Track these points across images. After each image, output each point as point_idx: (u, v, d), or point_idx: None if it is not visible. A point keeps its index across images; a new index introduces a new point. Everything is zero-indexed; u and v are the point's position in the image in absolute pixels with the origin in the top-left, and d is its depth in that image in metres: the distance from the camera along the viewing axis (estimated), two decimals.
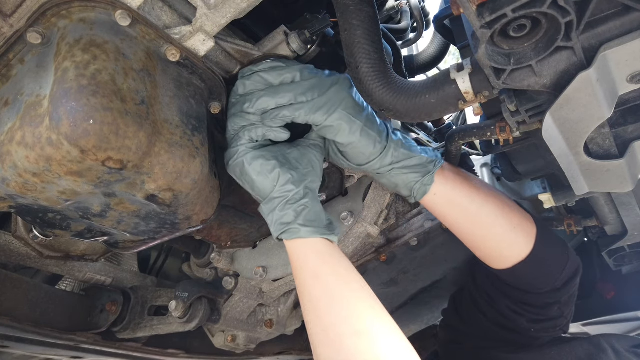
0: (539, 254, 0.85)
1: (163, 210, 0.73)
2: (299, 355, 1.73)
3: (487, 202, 0.86)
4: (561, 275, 0.89)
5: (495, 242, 0.87)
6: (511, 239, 0.85)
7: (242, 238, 1.15)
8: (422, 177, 0.86)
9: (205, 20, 0.68)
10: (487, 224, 0.86)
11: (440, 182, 0.86)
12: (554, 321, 0.96)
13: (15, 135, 0.59)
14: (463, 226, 0.89)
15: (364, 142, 0.81)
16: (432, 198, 0.87)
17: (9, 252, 0.99)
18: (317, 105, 0.78)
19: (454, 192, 0.87)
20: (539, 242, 0.85)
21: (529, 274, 0.88)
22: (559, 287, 0.90)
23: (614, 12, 0.56)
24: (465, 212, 0.87)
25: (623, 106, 0.69)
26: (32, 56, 0.65)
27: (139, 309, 1.21)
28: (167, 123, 0.67)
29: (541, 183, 1.26)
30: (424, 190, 0.87)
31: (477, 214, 0.86)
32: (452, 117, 1.94)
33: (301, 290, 0.76)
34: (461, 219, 0.88)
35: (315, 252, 0.76)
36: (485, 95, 0.70)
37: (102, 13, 0.64)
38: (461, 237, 0.92)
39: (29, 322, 0.98)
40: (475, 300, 1.07)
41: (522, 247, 0.85)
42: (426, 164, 0.86)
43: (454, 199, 0.87)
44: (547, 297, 0.91)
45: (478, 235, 0.88)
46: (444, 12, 1.03)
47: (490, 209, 0.86)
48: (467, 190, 0.87)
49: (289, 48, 0.82)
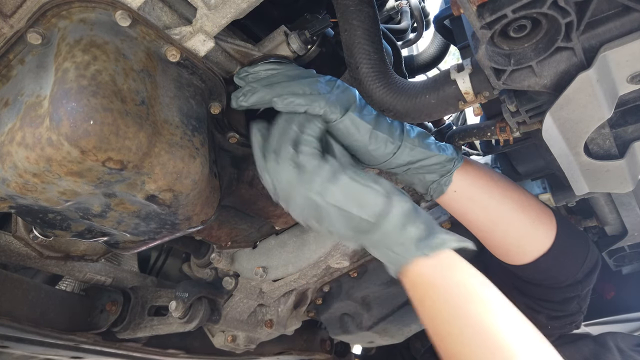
0: (560, 246, 0.83)
1: (163, 210, 0.73)
2: (299, 355, 1.73)
3: (506, 196, 0.84)
4: (582, 267, 0.87)
5: (516, 237, 0.84)
6: (532, 232, 0.83)
7: (242, 238, 1.15)
8: (440, 177, 0.82)
9: (205, 20, 0.68)
10: (508, 218, 0.83)
11: (460, 178, 0.82)
12: (573, 317, 0.95)
13: (15, 135, 0.59)
14: (482, 222, 0.85)
15: (374, 145, 0.78)
16: (452, 195, 0.83)
17: (9, 252, 0.99)
18: (333, 101, 0.75)
19: (474, 188, 0.83)
20: (560, 234, 0.84)
21: (552, 267, 0.85)
22: (580, 280, 0.88)
23: (614, 13, 0.56)
24: (485, 208, 0.83)
25: (623, 106, 0.69)
26: (32, 56, 0.65)
27: (139, 309, 1.21)
28: (167, 123, 0.67)
29: (541, 183, 1.26)
30: (441, 190, 0.84)
31: (497, 209, 0.83)
32: (452, 118, 1.94)
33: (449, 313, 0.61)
34: (481, 215, 0.84)
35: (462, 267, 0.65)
36: (486, 95, 0.70)
37: (102, 13, 0.64)
38: (480, 234, 0.88)
39: (29, 322, 0.98)
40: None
41: (544, 240, 0.83)
42: (445, 162, 0.81)
43: (474, 195, 0.83)
44: (567, 291, 0.89)
45: (498, 231, 0.85)
46: (444, 13, 1.03)
47: (509, 204, 0.83)
48: (487, 186, 0.84)
49: (289, 48, 0.82)
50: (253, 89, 0.77)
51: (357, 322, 1.45)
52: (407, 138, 0.80)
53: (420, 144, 0.80)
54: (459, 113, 1.96)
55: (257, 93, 0.76)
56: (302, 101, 0.73)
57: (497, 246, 0.89)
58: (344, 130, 0.76)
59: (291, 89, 0.75)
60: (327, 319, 1.54)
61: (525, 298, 0.94)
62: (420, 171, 0.82)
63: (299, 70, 0.80)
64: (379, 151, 0.79)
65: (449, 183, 0.82)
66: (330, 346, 1.83)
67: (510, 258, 0.88)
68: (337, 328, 1.53)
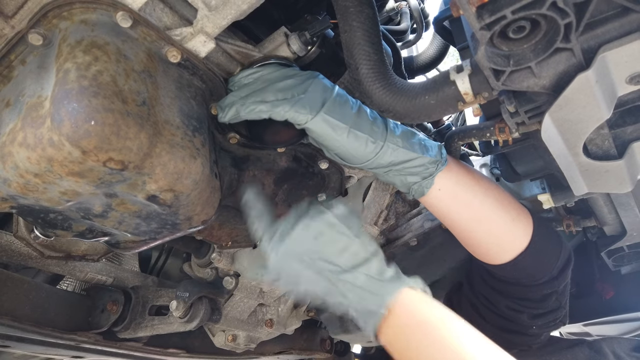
0: (537, 243, 0.84)
1: (164, 210, 0.73)
2: (299, 354, 1.74)
3: (488, 194, 0.84)
4: (557, 263, 0.88)
5: (498, 235, 0.85)
6: (512, 230, 0.84)
7: (243, 238, 1.15)
8: (422, 179, 0.82)
9: (206, 21, 0.69)
10: (490, 216, 0.84)
11: (444, 177, 0.82)
12: (554, 313, 0.96)
13: (16, 136, 0.60)
14: (465, 221, 0.86)
15: (353, 144, 0.76)
16: (436, 194, 0.83)
17: (10, 252, 0.99)
18: (301, 102, 0.73)
19: (458, 187, 0.83)
20: (536, 231, 0.85)
21: (529, 265, 0.87)
22: (556, 275, 0.89)
23: (613, 14, 0.56)
24: (468, 206, 0.84)
25: (622, 107, 0.70)
26: (33, 57, 0.65)
27: (139, 308, 1.21)
28: (168, 124, 0.67)
29: (540, 183, 1.26)
30: (422, 192, 0.84)
31: (480, 207, 0.83)
32: (452, 118, 1.94)
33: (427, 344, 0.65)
34: (464, 213, 0.85)
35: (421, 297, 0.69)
36: (485, 96, 0.71)
37: (103, 14, 0.64)
38: (462, 233, 0.89)
39: (30, 322, 0.98)
40: (474, 305, 1.06)
41: (522, 238, 0.84)
42: (428, 165, 0.81)
43: (458, 194, 0.83)
44: (545, 288, 0.91)
45: (480, 229, 0.86)
46: (443, 14, 1.03)
47: (491, 202, 0.84)
48: (470, 184, 0.84)
49: (289, 49, 0.83)
50: (230, 102, 0.76)
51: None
52: (390, 138, 0.78)
53: (404, 145, 0.79)
54: (459, 114, 1.96)
55: (234, 107, 0.75)
56: (264, 107, 0.73)
57: (478, 245, 0.89)
58: (318, 131, 0.75)
59: (262, 95, 0.73)
60: (327, 318, 1.54)
61: (506, 300, 0.95)
62: (402, 172, 0.81)
63: (278, 72, 0.78)
64: (359, 151, 0.77)
65: (431, 185, 0.82)
66: (330, 345, 1.83)
67: (490, 257, 0.89)
68: (337, 327, 1.53)
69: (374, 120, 0.79)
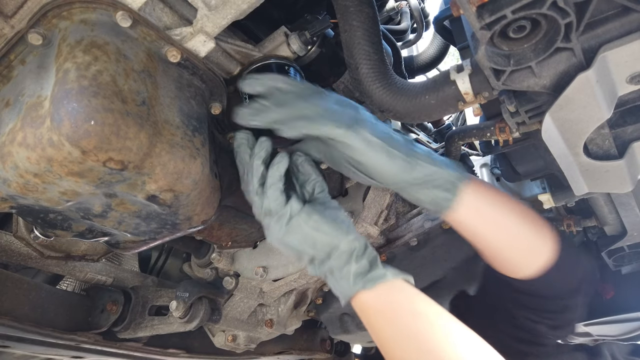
0: (561, 258, 0.85)
1: (164, 210, 0.73)
2: (299, 354, 1.74)
3: (512, 210, 0.85)
4: (580, 276, 0.89)
5: (524, 250, 0.86)
6: (538, 245, 0.84)
7: (243, 238, 1.15)
8: (447, 194, 0.81)
9: (205, 21, 0.69)
10: (516, 232, 0.84)
11: (468, 194, 0.82)
12: (571, 324, 0.97)
13: (16, 136, 0.60)
14: (492, 237, 0.86)
15: (387, 161, 0.76)
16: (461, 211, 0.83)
17: (10, 253, 0.99)
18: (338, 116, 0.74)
19: (482, 204, 0.83)
20: (560, 246, 0.85)
21: (554, 278, 0.87)
22: (577, 288, 0.90)
23: (614, 13, 0.56)
24: (494, 222, 0.84)
25: (622, 107, 0.70)
26: (33, 57, 0.65)
27: (139, 308, 1.21)
28: (167, 124, 0.67)
29: (541, 183, 1.26)
30: (447, 207, 0.83)
31: (506, 223, 0.84)
32: (452, 118, 1.94)
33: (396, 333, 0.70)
34: (490, 230, 0.85)
35: (403, 291, 0.73)
36: (485, 96, 0.71)
37: (103, 14, 0.64)
38: (488, 250, 0.89)
39: (29, 322, 0.98)
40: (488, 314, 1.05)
41: (547, 253, 0.84)
42: (453, 179, 0.80)
43: (483, 211, 0.83)
44: (567, 300, 0.91)
45: (507, 245, 0.86)
46: (443, 13, 1.03)
47: (516, 218, 0.84)
48: (494, 200, 0.84)
49: (290, 49, 0.83)
50: (265, 107, 0.74)
51: (357, 322, 1.45)
52: (418, 156, 0.79)
53: (429, 161, 0.79)
54: (459, 113, 1.96)
55: (270, 113, 0.74)
56: (303, 123, 0.73)
57: (504, 260, 0.90)
58: (354, 145, 0.75)
59: (299, 111, 0.74)
60: (327, 318, 1.54)
61: (526, 311, 0.95)
62: (429, 186, 0.81)
63: (304, 86, 0.78)
64: (392, 170, 0.77)
65: (456, 199, 0.82)
66: (330, 346, 1.83)
67: (516, 272, 0.89)
68: (337, 328, 1.53)
69: (404, 140, 0.80)
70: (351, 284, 0.73)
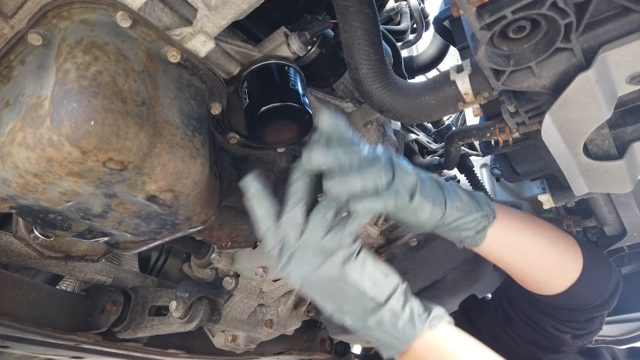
0: (588, 272, 0.86)
1: (164, 210, 0.73)
2: (299, 355, 1.74)
3: (537, 234, 0.85)
4: (607, 287, 0.90)
5: (550, 271, 0.87)
6: (563, 264, 0.86)
7: (243, 238, 1.15)
8: (476, 233, 0.80)
9: (205, 21, 0.69)
10: (541, 256, 0.85)
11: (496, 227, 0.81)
12: (593, 333, 0.98)
13: (16, 136, 0.60)
14: (518, 264, 0.87)
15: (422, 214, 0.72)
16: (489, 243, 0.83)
17: (10, 253, 0.99)
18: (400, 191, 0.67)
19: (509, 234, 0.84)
20: (586, 261, 0.86)
21: (582, 293, 0.88)
22: (607, 300, 0.91)
23: (613, 14, 0.56)
24: (520, 250, 0.85)
25: (622, 107, 0.70)
26: (33, 57, 0.65)
27: (139, 309, 1.21)
28: (167, 124, 0.67)
29: (540, 184, 1.26)
30: (476, 244, 0.83)
31: (532, 249, 0.85)
32: (452, 118, 1.94)
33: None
34: (517, 257, 0.86)
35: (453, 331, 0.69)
36: (485, 96, 0.71)
37: (102, 14, 0.64)
38: (515, 273, 0.91)
39: (29, 322, 0.98)
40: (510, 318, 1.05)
41: (574, 269, 0.86)
42: (480, 219, 0.79)
43: (510, 241, 0.84)
44: (594, 311, 0.92)
45: (533, 269, 0.88)
46: (443, 14, 1.03)
47: (541, 242, 0.85)
48: (520, 228, 0.85)
49: (289, 49, 0.83)
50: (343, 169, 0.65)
51: None
52: (449, 201, 0.75)
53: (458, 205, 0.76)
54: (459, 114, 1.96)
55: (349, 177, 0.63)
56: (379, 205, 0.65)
57: (532, 282, 0.91)
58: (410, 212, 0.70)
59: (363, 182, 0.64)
60: (327, 319, 1.54)
61: (552, 320, 0.96)
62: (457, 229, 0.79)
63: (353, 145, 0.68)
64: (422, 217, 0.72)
65: (484, 238, 0.81)
66: (330, 346, 1.83)
67: (544, 290, 0.90)
68: (337, 328, 1.53)
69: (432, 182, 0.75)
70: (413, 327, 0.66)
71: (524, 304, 1.02)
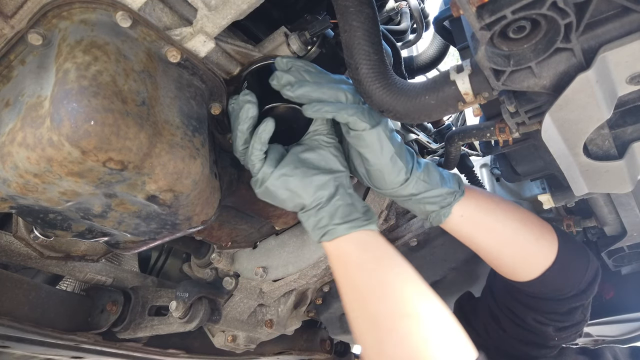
0: (563, 258, 0.86)
1: (164, 210, 0.73)
2: (299, 355, 1.74)
3: (509, 217, 0.87)
4: (584, 277, 0.90)
5: (522, 255, 0.87)
6: (536, 249, 0.86)
7: (243, 238, 1.15)
8: (440, 208, 0.85)
9: (205, 21, 0.69)
10: (513, 239, 0.86)
11: (465, 203, 0.85)
12: (578, 326, 0.97)
13: (16, 136, 0.60)
14: (489, 245, 0.88)
15: (390, 169, 0.80)
16: (458, 220, 0.87)
17: (10, 253, 0.99)
18: (364, 112, 0.77)
19: (479, 212, 0.86)
20: (561, 247, 0.86)
21: (557, 279, 0.88)
22: (584, 289, 0.90)
23: (614, 14, 0.56)
24: (491, 230, 0.87)
25: (622, 107, 0.70)
26: (33, 57, 0.65)
27: (139, 309, 1.21)
28: (167, 124, 0.67)
29: (540, 184, 1.26)
30: (439, 220, 0.87)
31: (503, 231, 0.86)
32: (452, 118, 1.94)
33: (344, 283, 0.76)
34: (488, 238, 0.88)
35: (355, 244, 0.76)
36: (485, 96, 0.71)
37: (102, 14, 0.64)
38: (487, 256, 0.91)
39: (29, 322, 0.98)
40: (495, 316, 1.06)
41: (547, 255, 0.86)
42: (446, 195, 0.85)
43: (480, 219, 0.86)
44: (573, 301, 0.92)
45: (505, 251, 0.88)
46: (443, 14, 1.03)
47: (513, 224, 0.86)
48: (491, 209, 0.87)
49: (289, 49, 0.83)
50: (302, 81, 0.78)
51: None
52: (415, 171, 0.83)
53: (424, 178, 0.84)
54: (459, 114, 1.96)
55: (305, 87, 0.77)
56: (329, 108, 0.76)
57: (504, 265, 0.91)
58: (368, 142, 0.78)
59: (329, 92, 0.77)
60: (327, 319, 1.55)
61: (533, 313, 0.96)
62: (422, 202, 0.85)
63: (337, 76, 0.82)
64: (391, 178, 0.81)
65: (448, 214, 0.85)
66: (330, 346, 1.83)
67: (517, 276, 0.90)
68: (337, 328, 1.54)
69: (408, 153, 0.84)
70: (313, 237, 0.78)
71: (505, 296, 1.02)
